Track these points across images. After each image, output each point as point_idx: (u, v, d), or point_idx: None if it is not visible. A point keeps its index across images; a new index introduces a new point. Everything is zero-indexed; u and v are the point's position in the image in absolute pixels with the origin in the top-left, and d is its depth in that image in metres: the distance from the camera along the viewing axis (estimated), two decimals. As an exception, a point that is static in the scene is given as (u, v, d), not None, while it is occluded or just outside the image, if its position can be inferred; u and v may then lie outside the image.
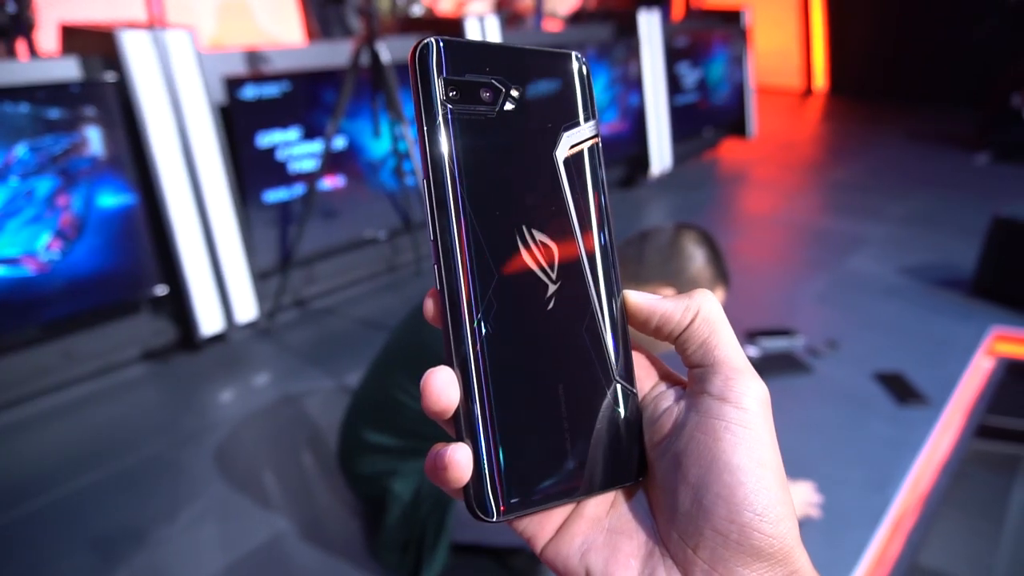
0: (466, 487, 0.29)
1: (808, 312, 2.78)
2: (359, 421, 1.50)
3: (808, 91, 8.49)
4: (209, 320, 2.42)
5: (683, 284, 1.27)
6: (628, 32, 4.23)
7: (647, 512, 0.32)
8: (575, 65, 0.34)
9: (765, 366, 2.33)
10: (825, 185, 4.74)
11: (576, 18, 5.14)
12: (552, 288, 0.32)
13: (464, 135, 0.30)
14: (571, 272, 0.32)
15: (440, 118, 0.30)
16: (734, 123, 5.41)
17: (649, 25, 4.26)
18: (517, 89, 0.32)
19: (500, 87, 0.32)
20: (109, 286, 2.20)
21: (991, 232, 2.82)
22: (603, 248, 0.34)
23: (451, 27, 3.21)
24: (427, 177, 0.30)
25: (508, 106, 0.32)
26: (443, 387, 0.29)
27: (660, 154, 4.46)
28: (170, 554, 1.62)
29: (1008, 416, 2.52)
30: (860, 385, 2.25)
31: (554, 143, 0.33)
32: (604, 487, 0.32)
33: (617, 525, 0.32)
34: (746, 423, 0.30)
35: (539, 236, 0.32)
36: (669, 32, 4.49)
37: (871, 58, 8.00)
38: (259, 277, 2.58)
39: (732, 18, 5.31)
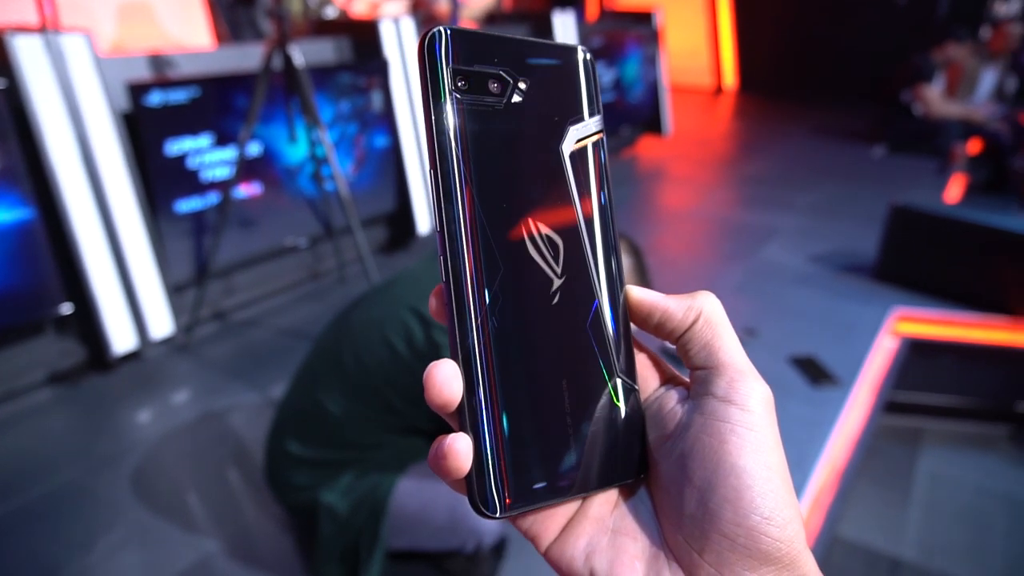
0: (469, 481, 0.29)
1: (727, 302, 2.85)
2: (285, 433, 1.46)
3: (719, 89, 8.81)
4: (121, 337, 2.30)
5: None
6: (544, 33, 4.28)
7: (651, 513, 0.32)
8: (581, 58, 0.34)
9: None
10: (738, 179, 4.93)
11: (491, 20, 5.16)
12: (557, 283, 0.31)
13: (472, 126, 0.30)
14: (576, 267, 0.32)
15: (448, 108, 0.29)
16: (650, 121, 5.55)
17: (564, 26, 4.32)
18: (525, 81, 0.32)
19: (508, 79, 0.31)
20: (7, 307, 2.06)
21: (889, 219, 3.00)
22: (607, 244, 0.33)
23: (366, 30, 3.17)
24: (434, 167, 0.29)
25: (516, 98, 0.31)
26: (447, 380, 0.28)
27: (580, 153, 4.52)
28: (87, 586, 1.54)
29: (912, 391, 2.69)
30: (777, 369, 2.35)
31: (561, 137, 0.32)
32: (606, 484, 0.32)
33: (621, 526, 0.32)
34: (752, 425, 0.29)
35: (545, 230, 0.31)
36: (584, 33, 4.57)
37: (777, 57, 8.38)
38: (174, 290, 2.48)
39: (644, 19, 5.45)
